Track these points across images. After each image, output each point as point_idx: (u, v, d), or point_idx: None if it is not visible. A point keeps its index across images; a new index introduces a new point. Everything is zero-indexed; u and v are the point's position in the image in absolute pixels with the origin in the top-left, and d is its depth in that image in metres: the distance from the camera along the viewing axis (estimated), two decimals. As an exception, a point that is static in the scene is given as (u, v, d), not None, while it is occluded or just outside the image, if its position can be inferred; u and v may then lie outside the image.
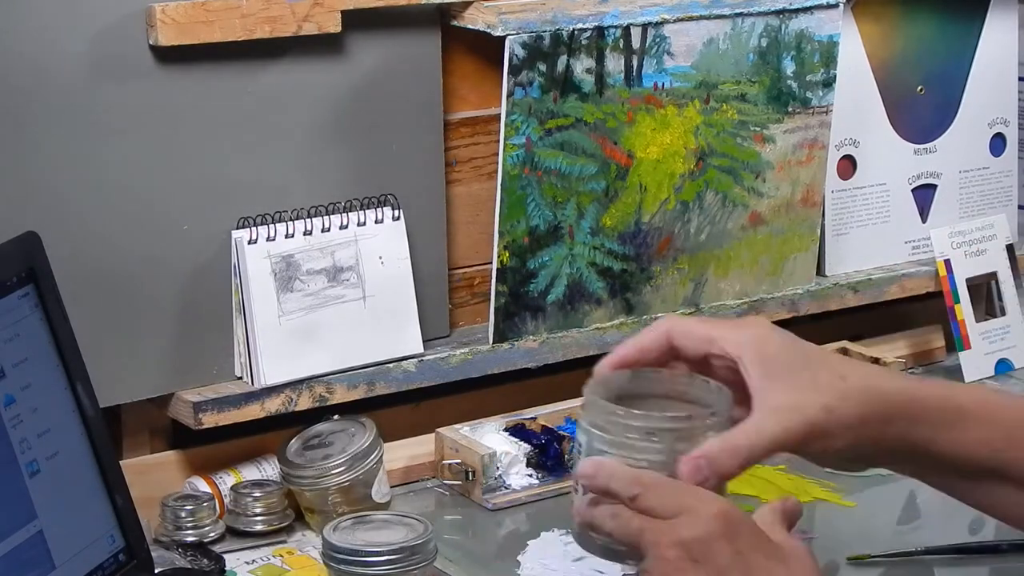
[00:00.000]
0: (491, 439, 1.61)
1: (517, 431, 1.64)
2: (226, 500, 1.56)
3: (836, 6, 1.77)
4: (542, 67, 1.62)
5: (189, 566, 1.47)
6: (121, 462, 1.42)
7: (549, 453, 1.61)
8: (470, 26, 1.62)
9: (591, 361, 1.77)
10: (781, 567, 1.10)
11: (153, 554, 1.41)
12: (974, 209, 1.98)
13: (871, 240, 1.92)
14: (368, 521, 1.43)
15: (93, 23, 1.46)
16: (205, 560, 1.48)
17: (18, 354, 1.29)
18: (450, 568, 1.46)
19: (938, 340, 1.97)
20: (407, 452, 1.65)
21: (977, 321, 1.92)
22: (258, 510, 1.54)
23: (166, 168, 1.51)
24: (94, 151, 1.48)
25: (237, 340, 1.57)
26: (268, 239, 1.55)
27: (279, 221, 1.56)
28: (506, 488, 1.59)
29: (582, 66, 1.65)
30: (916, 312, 1.99)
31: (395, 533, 1.40)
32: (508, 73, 1.60)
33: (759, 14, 1.73)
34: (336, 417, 1.61)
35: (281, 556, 1.51)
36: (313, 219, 1.58)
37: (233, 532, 1.54)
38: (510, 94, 1.61)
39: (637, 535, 1.09)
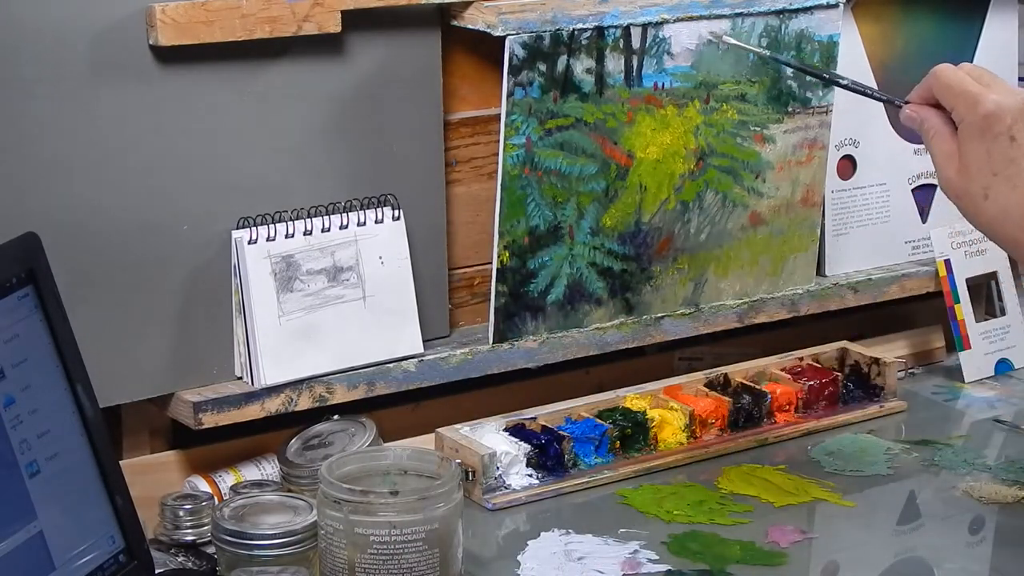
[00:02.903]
0: (491, 439, 1.61)
1: (517, 431, 1.64)
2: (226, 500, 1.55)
3: (836, 6, 1.77)
4: (542, 67, 1.62)
5: (180, 566, 1.47)
6: (121, 462, 1.42)
7: (549, 453, 1.61)
8: (470, 26, 1.62)
9: (591, 361, 1.79)
10: None
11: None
12: (974, 209, 1.98)
13: (871, 240, 1.92)
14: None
15: (93, 23, 1.46)
16: (195, 560, 1.48)
17: (18, 355, 1.29)
18: (450, 568, 1.46)
19: (938, 340, 1.97)
20: (407, 452, 1.65)
21: (977, 321, 1.92)
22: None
23: (166, 168, 1.51)
24: (94, 151, 1.48)
25: (237, 340, 1.57)
26: (268, 239, 1.55)
27: (279, 221, 1.56)
28: (506, 488, 1.59)
29: (582, 66, 1.64)
30: (916, 312, 1.99)
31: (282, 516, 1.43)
32: (508, 73, 1.60)
33: (759, 14, 1.73)
34: (336, 417, 1.62)
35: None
36: (313, 219, 1.58)
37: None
38: (510, 94, 1.61)
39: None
